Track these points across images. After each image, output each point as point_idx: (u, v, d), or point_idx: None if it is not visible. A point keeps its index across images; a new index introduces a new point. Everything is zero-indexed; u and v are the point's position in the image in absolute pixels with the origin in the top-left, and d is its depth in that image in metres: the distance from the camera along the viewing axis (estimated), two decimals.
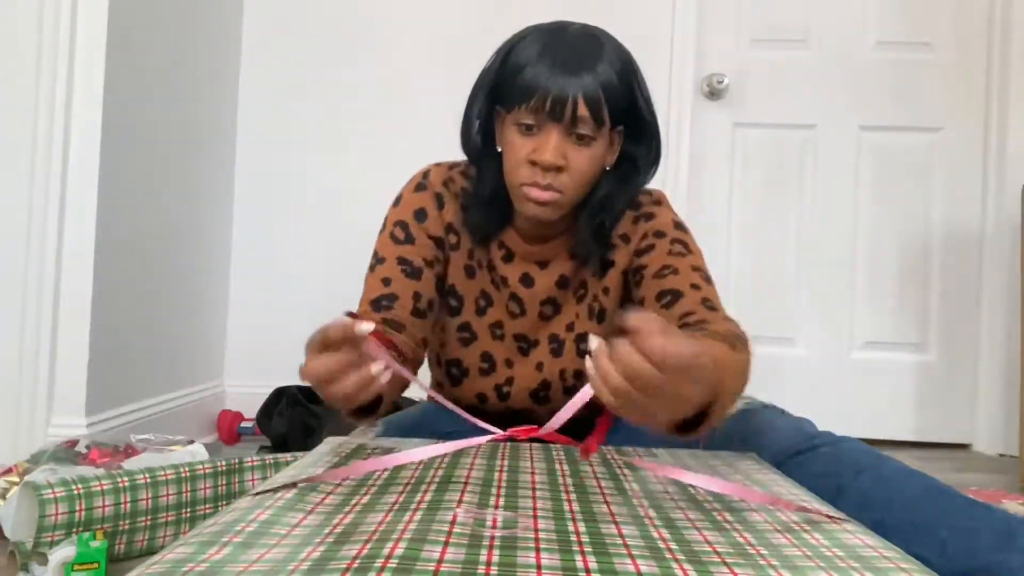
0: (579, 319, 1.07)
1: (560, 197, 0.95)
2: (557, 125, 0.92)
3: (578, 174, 0.94)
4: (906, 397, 2.41)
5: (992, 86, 2.40)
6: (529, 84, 0.92)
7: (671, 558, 0.48)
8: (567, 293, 1.06)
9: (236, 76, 2.39)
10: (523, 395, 1.09)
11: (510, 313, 1.07)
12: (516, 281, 1.06)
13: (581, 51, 0.93)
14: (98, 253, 1.62)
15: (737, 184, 2.45)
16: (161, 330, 1.94)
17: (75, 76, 1.61)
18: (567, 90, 0.90)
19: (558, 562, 0.47)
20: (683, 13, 2.37)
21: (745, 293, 2.43)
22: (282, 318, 2.38)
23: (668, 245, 1.01)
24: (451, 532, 0.52)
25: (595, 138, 0.94)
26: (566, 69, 0.91)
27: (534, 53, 0.93)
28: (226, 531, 0.52)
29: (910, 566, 0.48)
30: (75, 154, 1.61)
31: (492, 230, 1.05)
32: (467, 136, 1.03)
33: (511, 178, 0.97)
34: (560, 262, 1.06)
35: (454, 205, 1.06)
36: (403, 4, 2.40)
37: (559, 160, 0.92)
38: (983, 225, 2.40)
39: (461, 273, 1.07)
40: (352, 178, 2.39)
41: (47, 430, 1.58)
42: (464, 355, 1.09)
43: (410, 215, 1.05)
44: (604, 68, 0.93)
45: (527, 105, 0.92)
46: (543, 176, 0.93)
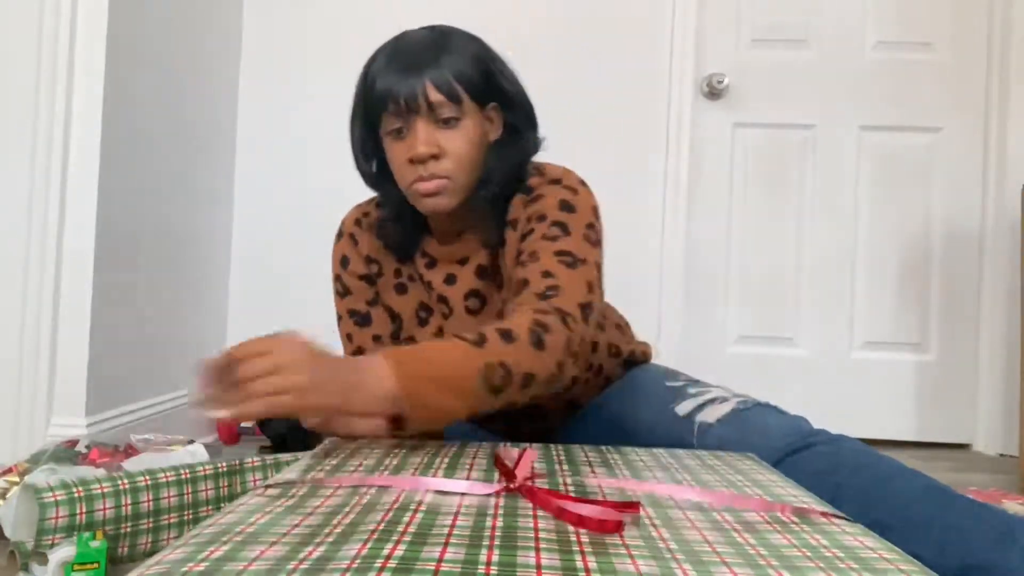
0: (508, 302, 1.05)
1: (447, 183, 0.97)
2: (419, 118, 0.95)
3: (456, 156, 0.97)
4: (906, 397, 2.41)
5: (992, 86, 2.40)
6: (383, 92, 0.96)
7: (671, 558, 0.48)
8: (489, 284, 1.06)
9: (236, 76, 2.39)
10: None
11: (443, 316, 1.09)
12: (440, 283, 1.08)
13: (423, 48, 0.98)
14: (98, 253, 1.62)
15: (737, 184, 2.45)
16: (161, 330, 1.95)
17: (75, 77, 1.61)
18: (415, 83, 0.95)
19: (558, 562, 0.47)
20: (683, 13, 2.37)
21: (745, 293, 2.43)
22: (282, 318, 2.38)
23: (545, 228, 0.98)
24: (451, 532, 0.52)
25: (460, 118, 0.97)
26: (411, 67, 0.96)
27: (381, 65, 0.98)
28: (226, 532, 0.52)
29: (910, 567, 0.48)
30: (75, 154, 1.61)
31: (411, 244, 1.08)
32: (359, 164, 1.07)
33: (402, 184, 1.00)
34: (477, 255, 1.07)
35: (368, 236, 1.11)
36: (403, 4, 2.40)
37: (431, 148, 0.95)
38: (983, 225, 2.40)
39: (392, 293, 1.11)
40: (352, 178, 2.38)
41: (47, 430, 1.58)
42: None
43: (339, 267, 1.12)
44: (448, 57, 0.97)
45: (387, 112, 0.97)
46: (424, 168, 0.96)
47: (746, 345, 2.43)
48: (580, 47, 2.37)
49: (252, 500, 0.61)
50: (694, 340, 2.39)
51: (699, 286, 2.41)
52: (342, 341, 1.12)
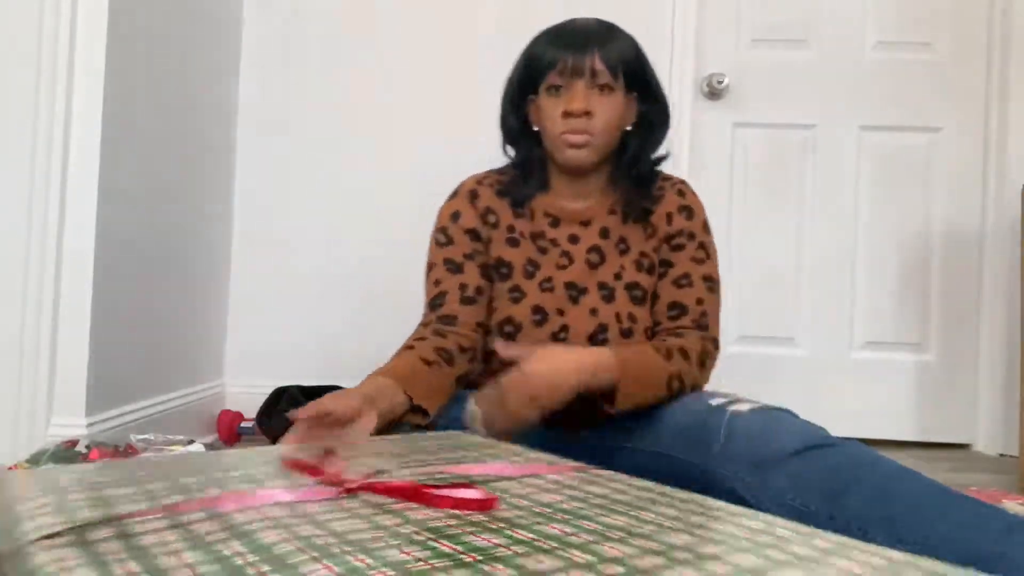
0: (626, 270, 1.18)
1: (592, 139, 1.12)
2: (580, 80, 1.11)
3: (604, 119, 1.12)
4: (906, 397, 2.41)
5: (992, 86, 2.40)
6: (551, 57, 1.12)
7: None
8: (610, 244, 1.19)
9: (236, 75, 2.39)
10: (581, 340, 1.15)
11: (559, 267, 1.18)
12: (565, 240, 1.19)
13: (592, 30, 1.14)
14: (98, 253, 1.62)
15: (737, 184, 2.45)
16: (161, 330, 1.94)
17: (75, 76, 1.61)
18: (585, 51, 1.11)
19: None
20: (683, 13, 2.37)
21: (745, 293, 2.43)
22: (282, 318, 2.38)
23: (694, 250, 1.17)
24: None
25: (614, 89, 1.12)
26: (582, 42, 1.11)
27: (550, 38, 1.14)
28: None
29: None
30: (75, 154, 1.61)
31: (531, 191, 1.20)
32: (505, 121, 1.21)
33: (551, 133, 1.14)
34: (600, 219, 1.20)
35: (489, 192, 1.22)
36: (404, 4, 2.40)
37: (586, 105, 1.10)
38: (983, 225, 2.40)
39: (504, 245, 1.20)
40: (352, 178, 2.39)
41: (47, 430, 1.58)
42: (515, 311, 1.17)
43: (447, 219, 1.21)
44: (613, 42, 1.13)
45: (553, 71, 1.11)
46: (576, 122, 1.11)
47: (746, 345, 2.43)
48: None
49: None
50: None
51: None
52: (427, 288, 1.20)
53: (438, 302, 1.17)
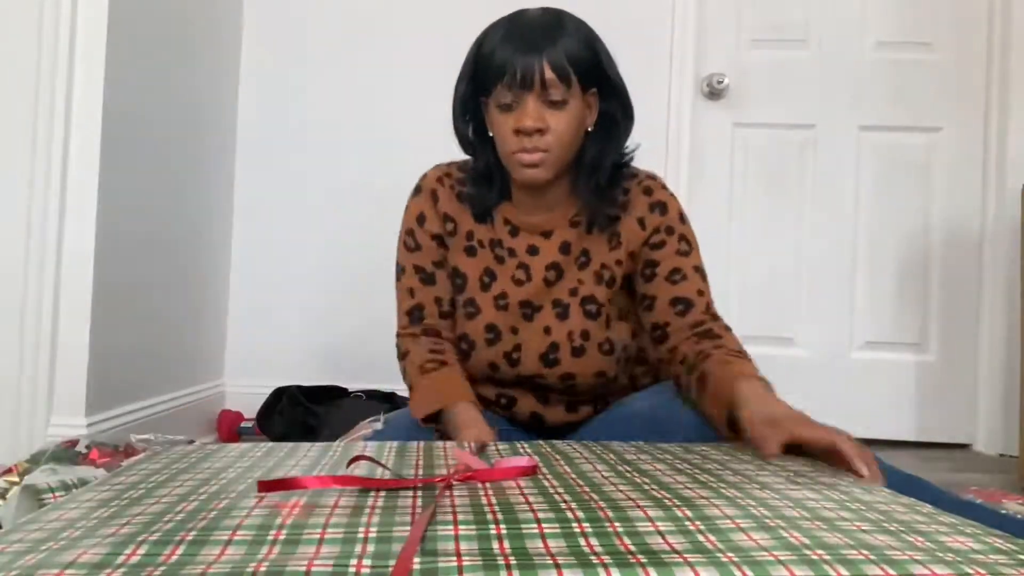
0: (583, 284, 1.14)
1: (546, 156, 1.05)
2: (531, 94, 1.03)
3: (558, 134, 1.05)
4: (906, 397, 2.41)
5: (992, 86, 2.40)
6: (499, 65, 1.03)
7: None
8: (569, 259, 1.14)
9: (236, 76, 2.39)
10: (533, 359, 1.14)
11: (516, 281, 1.15)
12: (524, 251, 1.15)
13: (542, 28, 1.05)
14: (98, 253, 1.62)
15: (737, 184, 2.45)
16: (161, 330, 1.94)
17: (75, 76, 1.61)
18: (532, 61, 1.02)
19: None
20: (683, 13, 2.37)
21: (745, 293, 2.43)
22: (282, 318, 2.38)
23: (676, 243, 1.13)
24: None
25: (567, 101, 1.04)
26: (529, 45, 1.02)
27: (499, 38, 1.05)
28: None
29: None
30: (75, 154, 1.61)
31: (491, 203, 1.15)
32: (457, 125, 1.14)
33: (503, 151, 1.08)
34: (561, 231, 1.15)
35: (449, 195, 1.17)
36: (403, 4, 2.40)
37: (538, 123, 1.03)
38: (983, 225, 2.40)
39: (462, 254, 1.17)
40: (352, 178, 2.39)
41: (47, 430, 1.58)
42: (469, 328, 1.15)
43: (414, 222, 1.18)
44: (565, 39, 1.04)
45: (501, 83, 1.03)
46: (528, 140, 1.04)
47: (746, 345, 2.40)
48: None
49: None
50: None
51: None
52: (400, 294, 1.18)
53: (417, 314, 1.17)
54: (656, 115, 2.37)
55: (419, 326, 1.16)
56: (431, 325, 1.16)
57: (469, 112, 1.13)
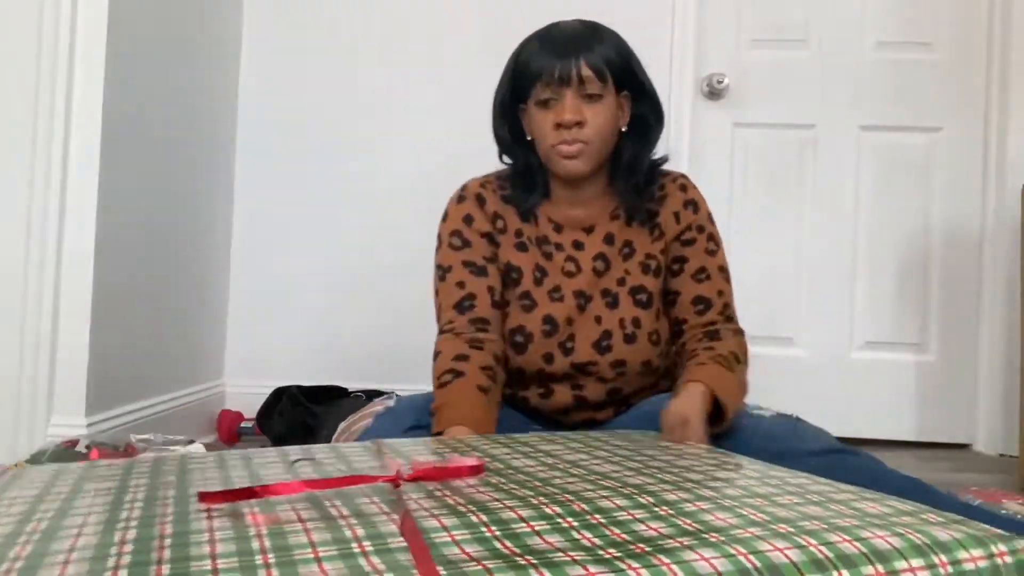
0: (631, 274, 1.18)
1: (585, 147, 1.11)
2: (568, 90, 1.09)
3: (596, 126, 1.11)
4: (906, 397, 2.41)
5: (992, 86, 2.40)
6: (539, 67, 1.10)
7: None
8: (614, 250, 1.19)
9: (236, 76, 2.39)
10: (586, 347, 1.16)
11: (566, 273, 1.18)
12: (570, 246, 1.19)
13: (577, 36, 1.12)
14: (98, 253, 1.62)
15: (737, 184, 2.45)
16: (161, 330, 1.94)
17: (75, 76, 1.61)
18: (570, 60, 1.09)
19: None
20: (683, 13, 2.37)
21: (745, 293, 2.42)
22: (282, 318, 2.38)
23: (705, 242, 1.19)
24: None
25: (603, 96, 1.11)
26: (567, 49, 1.10)
27: (536, 48, 1.12)
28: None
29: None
30: (75, 154, 1.61)
31: (535, 201, 1.19)
32: (499, 132, 1.20)
33: (544, 146, 1.13)
34: (603, 224, 1.19)
35: (494, 197, 1.21)
36: (404, 5, 2.40)
37: (577, 115, 1.09)
38: (983, 225, 2.40)
39: (513, 250, 1.20)
40: (352, 178, 2.39)
41: (47, 430, 1.58)
42: (527, 321, 1.16)
43: (460, 223, 1.20)
44: (600, 46, 1.11)
45: (540, 82, 1.10)
46: (568, 133, 1.10)
47: None
48: None
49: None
50: None
51: None
52: (446, 291, 1.17)
53: (467, 304, 1.15)
54: None
55: (468, 315, 1.14)
56: (483, 315, 1.15)
57: (507, 118, 1.18)
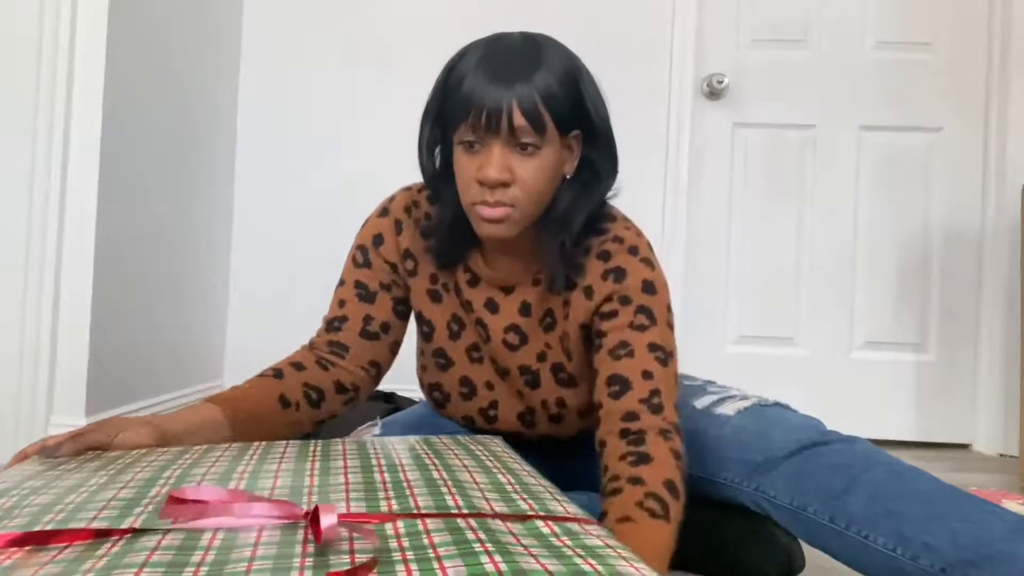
0: (551, 349, 1.02)
1: (512, 211, 0.90)
2: (497, 138, 0.88)
3: (527, 186, 0.90)
4: (906, 397, 2.41)
5: (992, 86, 2.40)
6: (465, 100, 0.89)
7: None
8: (531, 321, 1.02)
9: (236, 76, 2.39)
10: (511, 418, 1.07)
11: (480, 338, 1.05)
12: (481, 306, 1.03)
13: (517, 59, 0.90)
14: (98, 253, 1.62)
15: (737, 184, 2.45)
16: (161, 330, 1.94)
17: (75, 75, 1.61)
18: (501, 101, 0.87)
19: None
20: (683, 13, 2.37)
21: (745, 293, 2.43)
22: (282, 318, 2.38)
23: (632, 315, 0.95)
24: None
25: (540, 147, 0.89)
26: (501, 79, 0.87)
27: (471, 66, 0.90)
28: None
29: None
30: (75, 154, 1.61)
31: (457, 255, 1.02)
32: (422, 161, 1.01)
33: (464, 199, 0.93)
34: (524, 288, 1.02)
35: (412, 231, 1.05)
36: (403, 4, 2.40)
37: (503, 175, 0.88)
38: (983, 225, 2.40)
39: (426, 299, 1.06)
40: (352, 178, 2.39)
41: (47, 430, 1.58)
42: (443, 379, 1.08)
43: (369, 240, 1.07)
44: (542, 75, 0.88)
45: (466, 123, 0.89)
46: (491, 193, 0.89)
47: (746, 345, 2.43)
48: (580, 48, 2.35)
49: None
50: (694, 339, 2.39)
51: (699, 286, 2.41)
52: (331, 303, 1.08)
53: (336, 326, 1.05)
54: (656, 115, 2.37)
55: (330, 336, 1.05)
56: (344, 340, 1.05)
57: (436, 147, 1.00)
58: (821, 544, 0.92)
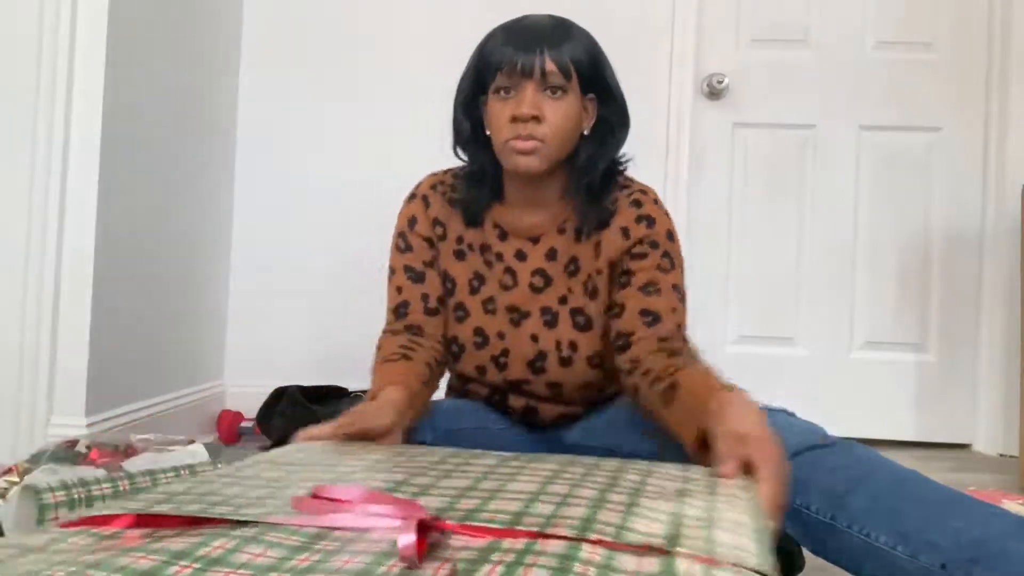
0: (573, 293, 1.13)
1: (541, 146, 1.04)
2: (530, 82, 1.03)
3: (554, 124, 1.05)
4: (906, 397, 2.41)
5: (992, 86, 2.40)
6: (501, 57, 1.05)
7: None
8: (557, 266, 1.13)
9: (236, 75, 2.39)
10: (520, 365, 1.14)
11: (503, 286, 1.14)
12: (511, 256, 1.14)
13: (545, 30, 1.06)
14: (98, 253, 1.62)
15: (737, 184, 2.45)
16: (161, 330, 1.95)
17: (75, 76, 1.61)
18: (534, 50, 1.03)
19: None
20: (683, 13, 2.37)
21: (745, 293, 2.43)
22: (282, 318, 2.38)
23: (659, 259, 1.10)
24: None
25: (566, 92, 1.05)
26: (532, 42, 1.04)
27: (501, 38, 1.07)
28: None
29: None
30: (75, 154, 1.61)
31: (482, 203, 1.15)
32: (458, 124, 1.14)
33: (498, 139, 1.07)
34: (550, 236, 1.14)
35: (439, 201, 1.18)
36: (403, 4, 2.40)
37: (535, 110, 1.03)
38: (983, 225, 2.40)
39: (451, 258, 1.17)
40: (352, 178, 2.39)
41: (47, 430, 1.58)
42: (459, 331, 1.15)
43: (405, 225, 1.18)
44: (568, 43, 1.05)
45: (502, 71, 1.04)
46: (523, 128, 1.04)
47: (746, 345, 2.43)
48: None
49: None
50: (694, 339, 2.39)
51: (699, 285, 2.41)
52: (389, 294, 1.18)
53: (403, 311, 1.15)
54: (656, 115, 2.37)
55: (403, 322, 1.15)
56: (415, 322, 1.15)
57: (469, 112, 1.13)
58: (821, 542, 0.92)
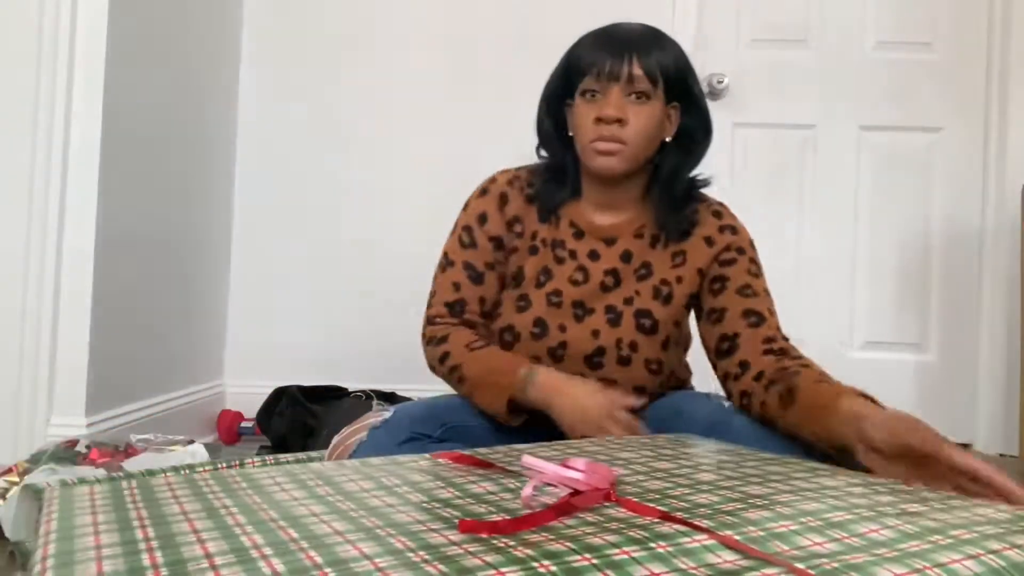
0: (640, 296, 1.14)
1: (623, 148, 1.08)
2: (616, 85, 1.07)
3: (637, 128, 1.08)
4: (906, 397, 2.41)
5: (992, 86, 2.40)
6: (590, 60, 1.09)
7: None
8: (628, 268, 1.15)
9: (236, 76, 2.39)
10: (577, 359, 1.14)
11: (572, 281, 1.15)
12: (584, 255, 1.16)
13: (635, 35, 1.11)
14: (98, 253, 1.62)
15: (737, 184, 2.45)
16: (161, 330, 1.95)
17: (75, 76, 1.61)
18: (623, 55, 1.07)
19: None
20: (683, 13, 2.37)
21: None
22: (282, 318, 2.38)
23: (747, 264, 1.15)
24: None
25: (651, 98, 1.08)
26: (622, 47, 1.08)
27: (591, 43, 1.11)
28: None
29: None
30: (75, 154, 1.61)
31: (560, 199, 1.17)
32: (540, 123, 1.18)
33: (582, 140, 1.11)
34: (626, 240, 1.16)
35: (518, 197, 1.18)
36: (404, 4, 2.40)
37: (619, 113, 1.06)
38: (983, 225, 2.40)
39: (525, 253, 1.17)
40: (352, 178, 2.39)
41: (47, 430, 1.58)
42: (516, 321, 1.15)
43: (474, 220, 1.18)
44: (658, 51, 1.09)
45: (590, 75, 1.08)
46: (607, 129, 1.07)
47: None
48: None
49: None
50: (693, 339, 2.39)
51: None
52: (442, 283, 1.17)
53: (458, 308, 1.16)
54: None
55: (458, 318, 1.16)
56: (470, 320, 1.17)
57: (552, 112, 1.16)
58: None
